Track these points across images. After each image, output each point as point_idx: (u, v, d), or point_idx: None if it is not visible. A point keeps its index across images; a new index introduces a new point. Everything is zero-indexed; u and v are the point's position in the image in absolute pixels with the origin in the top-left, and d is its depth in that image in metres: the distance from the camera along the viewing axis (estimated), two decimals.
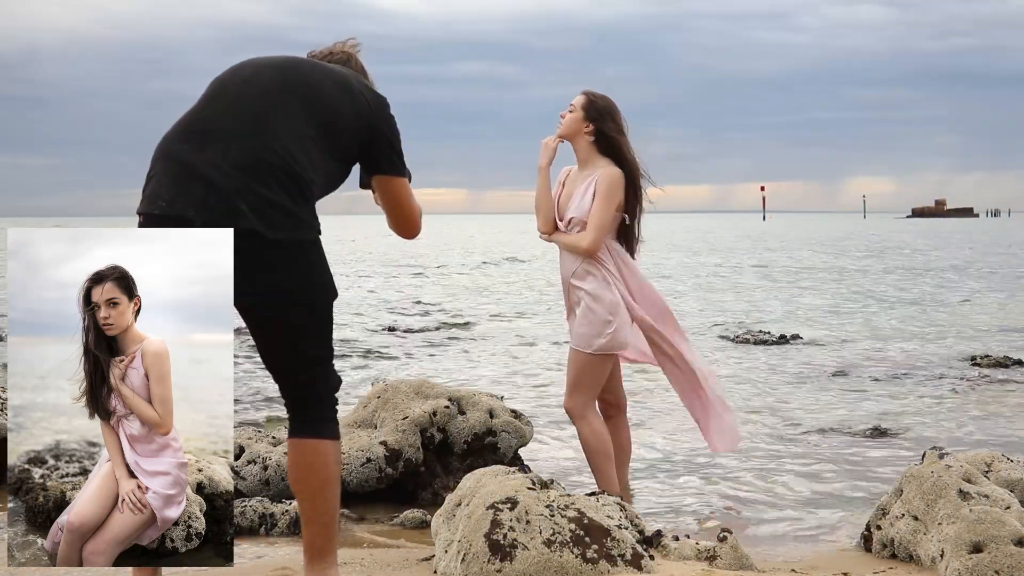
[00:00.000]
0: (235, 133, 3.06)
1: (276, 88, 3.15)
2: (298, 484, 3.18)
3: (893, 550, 4.17)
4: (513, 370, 10.29)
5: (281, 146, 3.05)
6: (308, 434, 3.16)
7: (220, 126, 3.08)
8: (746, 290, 21.26)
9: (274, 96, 3.14)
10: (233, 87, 3.18)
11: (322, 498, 3.16)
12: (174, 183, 3.05)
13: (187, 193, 3.03)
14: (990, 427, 7.34)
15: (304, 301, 3.09)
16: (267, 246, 2.99)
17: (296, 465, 3.18)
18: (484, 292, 21.22)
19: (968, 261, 32.18)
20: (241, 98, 3.13)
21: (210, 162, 3.02)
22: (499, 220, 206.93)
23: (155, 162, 3.14)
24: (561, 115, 5.02)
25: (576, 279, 4.91)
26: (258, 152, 3.03)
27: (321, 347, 3.17)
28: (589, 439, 4.90)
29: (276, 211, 2.99)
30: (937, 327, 13.92)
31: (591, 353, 4.84)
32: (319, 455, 3.16)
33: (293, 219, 3.02)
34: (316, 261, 3.10)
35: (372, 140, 3.25)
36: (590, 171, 4.94)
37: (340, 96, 3.21)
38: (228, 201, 2.98)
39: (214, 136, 3.07)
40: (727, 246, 47.48)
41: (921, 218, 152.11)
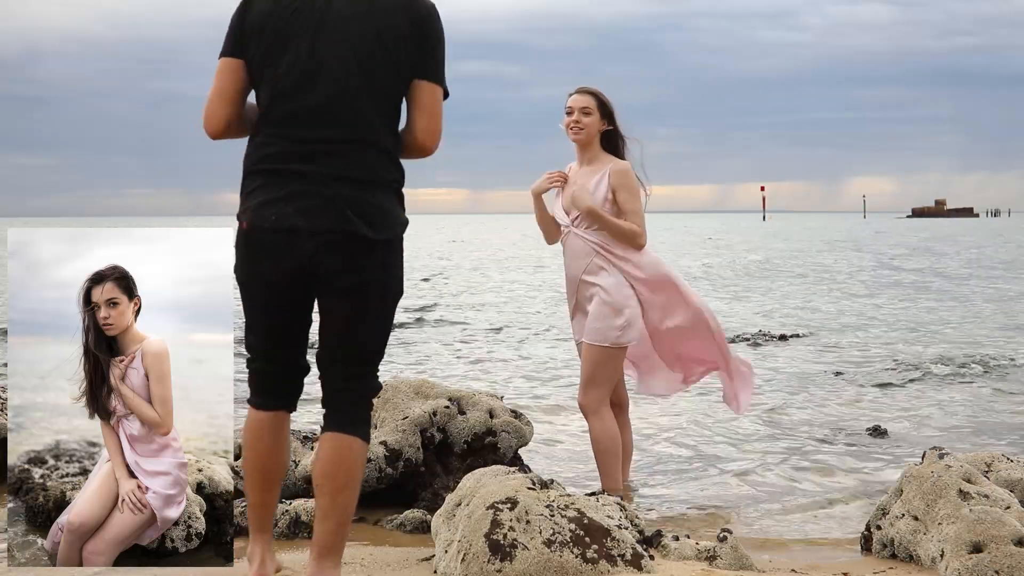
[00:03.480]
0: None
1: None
2: (324, 478, 3.20)
3: (893, 550, 4.17)
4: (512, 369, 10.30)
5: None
6: (345, 430, 3.21)
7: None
8: (746, 290, 21.25)
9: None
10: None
11: (343, 496, 3.19)
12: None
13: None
14: (990, 427, 7.34)
15: (383, 293, 3.18)
16: (369, 243, 3.10)
17: (327, 459, 3.20)
18: (486, 292, 21.22)
19: (972, 260, 32.20)
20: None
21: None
22: (499, 220, 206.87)
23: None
24: (567, 123, 5.00)
25: (588, 275, 4.93)
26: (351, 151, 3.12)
27: (379, 342, 3.25)
28: (601, 437, 4.93)
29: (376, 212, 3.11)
30: (938, 327, 13.93)
31: (607, 347, 4.86)
32: (352, 452, 3.20)
33: (390, 217, 3.15)
34: (399, 260, 3.22)
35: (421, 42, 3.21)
36: (596, 167, 4.96)
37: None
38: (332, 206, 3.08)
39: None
40: (728, 244, 47.47)
41: (921, 218, 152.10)
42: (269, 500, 3.38)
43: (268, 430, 3.32)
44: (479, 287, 22.76)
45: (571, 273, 5.02)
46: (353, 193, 3.08)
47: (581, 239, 4.96)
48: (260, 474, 3.33)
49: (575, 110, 4.99)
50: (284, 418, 3.35)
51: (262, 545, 3.38)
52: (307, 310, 3.23)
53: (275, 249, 3.08)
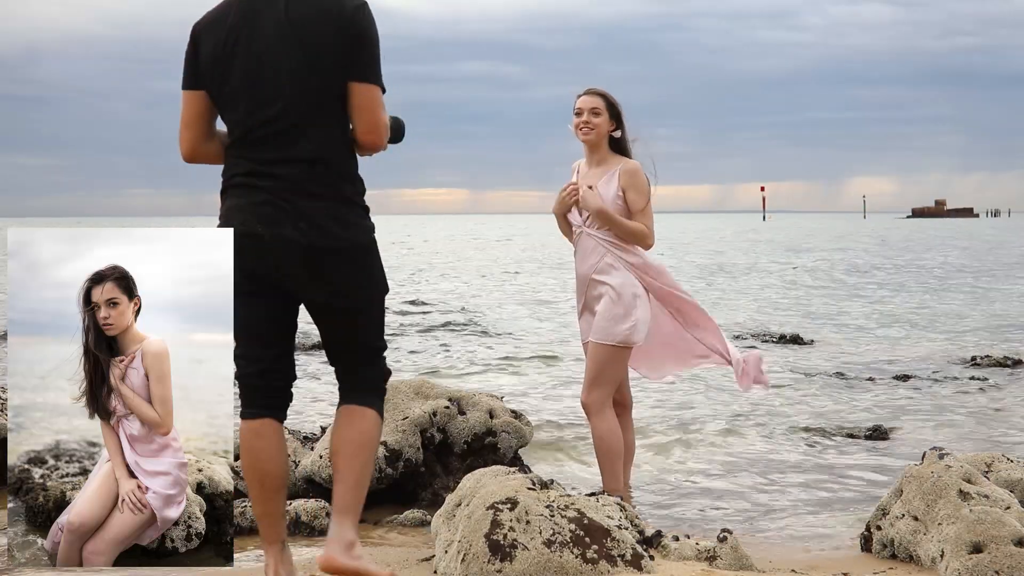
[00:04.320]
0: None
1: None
2: (340, 443, 3.33)
3: (893, 550, 4.17)
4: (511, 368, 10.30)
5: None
6: (359, 402, 3.35)
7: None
8: (747, 290, 21.26)
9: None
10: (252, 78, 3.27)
11: (357, 458, 3.32)
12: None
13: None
14: (990, 427, 7.34)
15: (360, 297, 3.31)
16: (328, 252, 3.22)
17: (342, 426, 3.34)
18: (488, 292, 21.23)
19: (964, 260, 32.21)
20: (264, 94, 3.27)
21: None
22: (500, 220, 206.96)
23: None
24: (577, 124, 5.00)
25: (599, 274, 4.92)
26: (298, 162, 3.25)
27: (377, 338, 3.39)
28: (604, 436, 4.93)
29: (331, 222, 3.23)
30: (938, 326, 13.93)
31: (613, 345, 4.86)
32: (365, 419, 3.34)
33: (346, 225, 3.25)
34: (373, 262, 3.32)
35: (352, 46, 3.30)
36: (605, 167, 4.96)
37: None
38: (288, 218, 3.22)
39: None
40: (727, 246, 47.48)
41: (921, 218, 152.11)
42: (273, 510, 3.38)
43: (257, 438, 3.36)
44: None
45: (581, 271, 5.01)
46: (311, 205, 3.21)
47: (594, 239, 4.96)
48: (257, 483, 3.36)
49: (584, 111, 4.97)
50: (273, 426, 3.39)
51: (274, 556, 3.37)
52: (285, 316, 3.35)
53: (246, 252, 3.24)
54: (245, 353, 3.35)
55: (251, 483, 3.37)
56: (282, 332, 3.37)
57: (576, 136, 5.02)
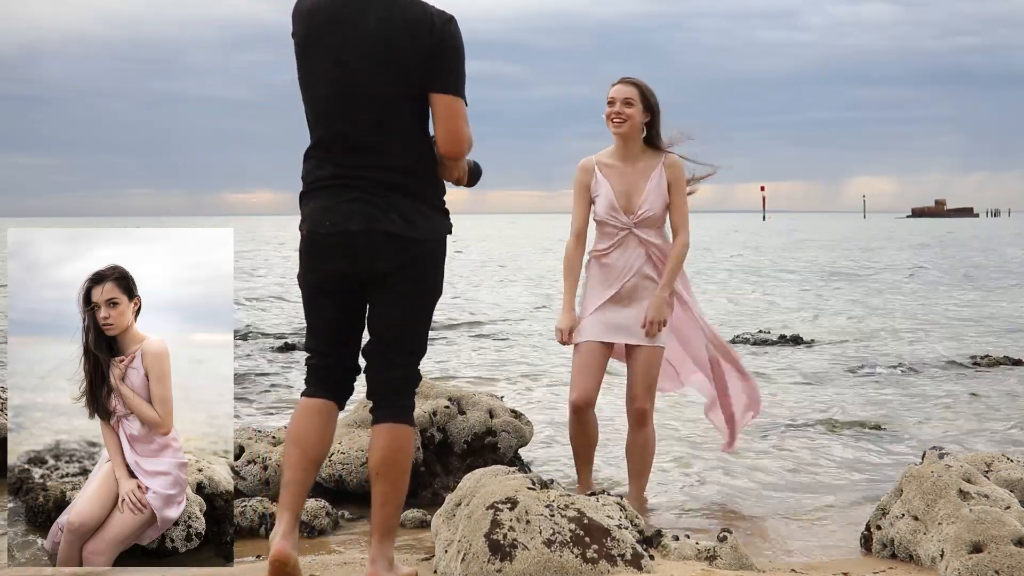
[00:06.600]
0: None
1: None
2: (383, 466, 3.40)
3: (893, 550, 4.17)
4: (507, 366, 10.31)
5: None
6: (398, 419, 3.42)
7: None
8: (747, 290, 21.26)
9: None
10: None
11: (403, 481, 3.44)
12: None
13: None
14: (990, 427, 7.34)
15: (427, 291, 3.44)
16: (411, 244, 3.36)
17: (387, 448, 3.40)
18: (490, 291, 21.23)
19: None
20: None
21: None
22: (500, 220, 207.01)
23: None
24: (609, 115, 4.78)
25: (650, 268, 4.82)
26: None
27: (423, 337, 3.51)
28: (652, 442, 4.96)
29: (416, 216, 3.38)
30: (938, 326, 13.93)
31: (663, 348, 4.87)
32: (406, 441, 3.43)
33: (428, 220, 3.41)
34: (441, 260, 3.47)
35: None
36: (644, 162, 4.80)
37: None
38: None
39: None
40: (725, 245, 47.48)
41: (921, 218, 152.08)
42: (303, 478, 3.43)
43: (316, 412, 3.47)
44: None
45: (626, 265, 4.80)
46: (400, 200, 3.34)
47: (644, 244, 4.79)
48: (299, 449, 3.43)
49: (617, 101, 4.75)
50: (332, 408, 3.51)
51: (286, 523, 3.35)
52: (358, 312, 3.47)
53: (331, 251, 3.34)
54: (318, 348, 3.49)
55: (293, 448, 3.44)
56: (353, 329, 3.50)
57: (608, 127, 4.82)
